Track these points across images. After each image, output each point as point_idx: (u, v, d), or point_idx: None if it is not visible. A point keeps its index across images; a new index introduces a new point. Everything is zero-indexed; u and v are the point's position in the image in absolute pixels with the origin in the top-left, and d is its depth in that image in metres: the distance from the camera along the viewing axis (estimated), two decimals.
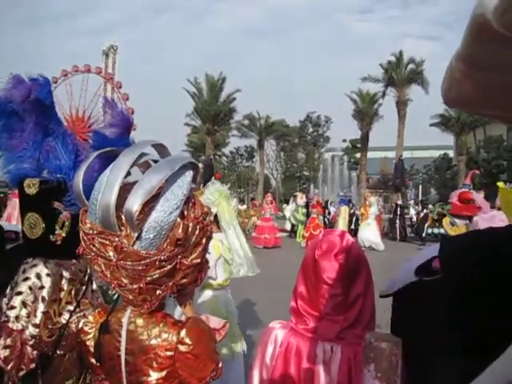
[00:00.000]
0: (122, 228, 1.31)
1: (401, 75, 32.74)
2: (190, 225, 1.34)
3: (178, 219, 1.31)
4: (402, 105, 32.93)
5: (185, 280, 1.38)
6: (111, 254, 1.30)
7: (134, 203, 1.22)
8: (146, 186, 1.24)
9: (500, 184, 7.24)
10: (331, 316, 1.39)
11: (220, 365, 1.40)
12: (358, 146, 40.52)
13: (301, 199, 17.93)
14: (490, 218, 7.02)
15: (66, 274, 1.91)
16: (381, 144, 43.83)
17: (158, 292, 1.35)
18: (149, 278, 1.29)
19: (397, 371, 0.73)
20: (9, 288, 1.88)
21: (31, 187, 1.88)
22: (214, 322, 1.57)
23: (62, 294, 1.88)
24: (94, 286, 2.05)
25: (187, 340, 1.34)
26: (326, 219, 18.31)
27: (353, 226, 19.57)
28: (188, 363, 1.35)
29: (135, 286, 1.30)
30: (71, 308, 1.89)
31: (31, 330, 1.74)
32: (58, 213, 1.88)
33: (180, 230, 1.30)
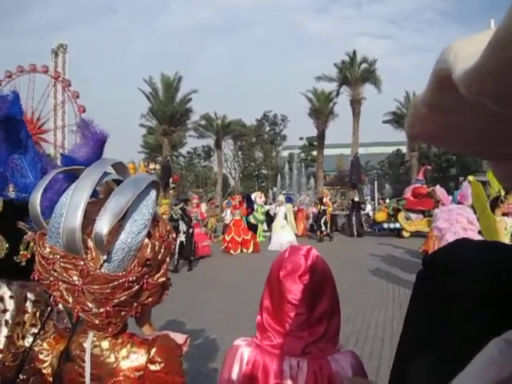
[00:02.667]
0: (88, 251, 1.26)
1: (354, 74, 33.52)
2: (157, 244, 1.32)
3: (146, 239, 1.29)
4: (356, 103, 33.72)
5: (149, 299, 1.37)
6: (75, 278, 1.25)
7: (104, 226, 1.18)
8: (115, 208, 1.21)
9: (471, 178, 7.52)
10: (296, 333, 1.38)
11: (185, 379, 1.39)
12: (315, 143, 41.13)
13: (260, 198, 17.99)
14: (447, 211, 7.30)
15: (30, 295, 1.83)
16: (337, 141, 44.71)
17: (122, 313, 1.32)
18: (116, 301, 1.26)
19: None
20: None
21: None
22: (177, 337, 1.53)
23: (26, 317, 1.81)
24: (60, 307, 1.97)
25: (158, 359, 1.31)
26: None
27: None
28: (158, 382, 1.32)
29: (101, 310, 1.26)
30: (35, 331, 1.80)
31: None
32: (23, 233, 1.80)
33: (149, 250, 1.29)
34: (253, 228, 18.00)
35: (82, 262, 1.25)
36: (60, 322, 1.90)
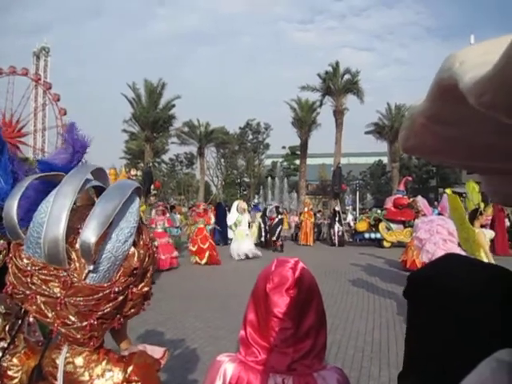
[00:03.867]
0: (70, 261, 1.20)
1: (337, 85, 33.86)
2: (142, 252, 1.28)
3: (132, 248, 1.24)
4: (339, 114, 34.04)
5: (132, 310, 1.33)
6: (56, 290, 1.19)
7: (91, 235, 1.13)
8: (102, 216, 1.15)
9: (448, 191, 7.62)
10: (281, 348, 1.33)
11: None
12: (298, 152, 41.34)
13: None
14: (428, 222, 7.37)
15: (2, 307, 1.74)
16: (319, 151, 45.05)
17: (104, 326, 1.27)
18: (100, 313, 1.21)
19: None
20: None
21: None
22: (155, 351, 1.48)
23: (5, 330, 1.72)
24: (31, 319, 1.89)
25: (134, 377, 1.25)
26: (266, 227, 18.42)
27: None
28: None
29: (85, 324, 1.20)
30: (4, 345, 1.72)
31: None
32: None
33: (135, 259, 1.25)
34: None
35: (64, 273, 1.19)
36: (31, 335, 1.83)
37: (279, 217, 17.59)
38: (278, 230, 17.19)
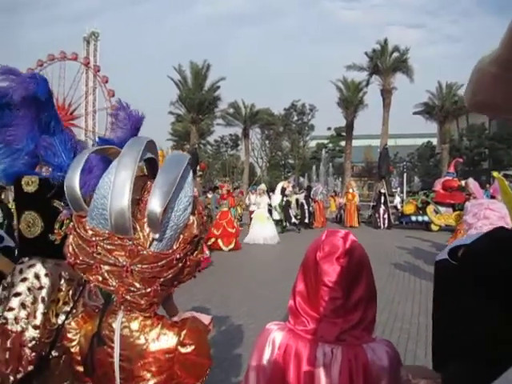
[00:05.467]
0: (135, 231, 1.26)
1: (385, 63, 32.79)
2: (198, 220, 1.34)
3: (191, 216, 1.30)
4: (386, 93, 33.04)
5: (187, 277, 1.39)
6: (121, 259, 1.25)
7: (158, 205, 1.18)
8: (165, 187, 1.21)
9: (495, 174, 7.28)
10: (331, 318, 1.34)
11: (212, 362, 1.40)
12: (343, 134, 40.62)
13: (288, 188, 17.92)
14: (477, 205, 7.09)
15: (64, 274, 1.86)
16: (365, 132, 44.04)
17: (163, 293, 1.33)
18: (162, 280, 1.27)
19: None
20: (0, 288, 1.82)
21: (30, 185, 1.82)
22: (202, 318, 1.54)
23: (60, 295, 1.83)
24: (92, 286, 2.00)
25: (188, 341, 1.31)
26: (310, 208, 18.40)
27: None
28: (187, 364, 1.32)
29: (149, 290, 1.27)
30: (67, 309, 1.83)
31: (31, 332, 1.70)
32: (58, 212, 1.82)
33: (195, 227, 1.31)
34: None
35: (130, 242, 1.24)
36: (93, 299, 1.93)
37: (285, 198, 16.95)
38: (292, 212, 16.81)
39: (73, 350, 1.42)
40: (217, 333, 5.17)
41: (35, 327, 1.70)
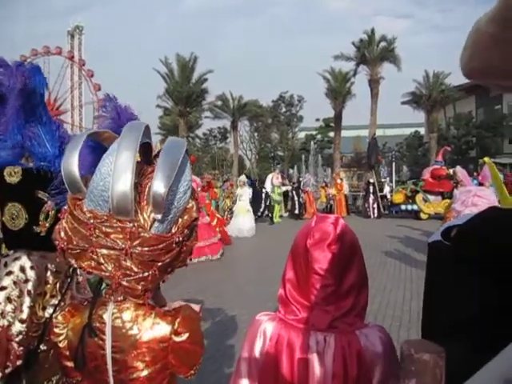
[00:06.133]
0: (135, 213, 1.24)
1: (373, 53, 32.78)
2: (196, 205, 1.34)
3: (190, 200, 1.30)
4: (374, 83, 33.06)
5: (180, 264, 1.38)
6: (119, 242, 1.22)
7: (162, 186, 1.18)
8: (167, 169, 1.20)
9: (486, 159, 7.31)
10: (322, 306, 1.32)
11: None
12: (332, 124, 40.66)
13: (276, 179, 17.92)
14: (466, 192, 7.14)
15: (51, 266, 1.82)
16: (354, 123, 44.16)
17: (157, 279, 1.32)
18: (160, 264, 1.26)
19: None
20: None
21: (13, 176, 1.77)
22: (193, 307, 1.52)
23: (47, 288, 1.80)
24: (80, 278, 1.97)
25: (182, 330, 1.30)
26: (300, 199, 18.46)
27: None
28: (181, 352, 1.31)
29: (146, 274, 1.25)
30: (55, 302, 1.80)
31: (18, 326, 1.66)
32: (42, 203, 1.78)
33: (194, 210, 1.31)
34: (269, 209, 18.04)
35: (130, 225, 1.22)
36: (81, 292, 1.90)
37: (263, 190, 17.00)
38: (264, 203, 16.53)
39: (60, 344, 1.39)
40: (209, 324, 5.17)
41: (22, 321, 1.67)
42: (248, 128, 46.92)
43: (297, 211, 18.20)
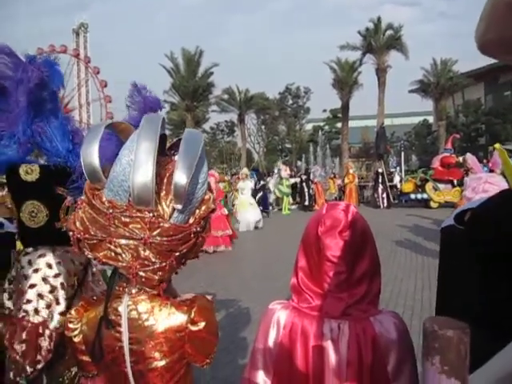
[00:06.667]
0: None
1: (379, 42, 32.46)
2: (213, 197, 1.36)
3: (207, 191, 1.32)
4: (381, 72, 32.78)
5: (194, 255, 1.40)
6: (138, 231, 1.23)
7: (184, 177, 1.19)
8: (188, 160, 1.21)
9: (497, 146, 7.22)
10: (335, 293, 1.32)
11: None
12: (339, 115, 40.41)
13: (285, 171, 17.91)
14: (476, 179, 7.09)
15: (74, 259, 1.84)
16: (361, 113, 43.88)
17: (172, 270, 1.34)
18: (177, 254, 1.27)
19: (466, 362, 0.64)
20: (7, 282, 1.81)
21: (30, 173, 1.78)
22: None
23: (76, 279, 1.82)
24: (94, 269, 1.99)
25: (198, 319, 1.31)
26: (310, 191, 18.43)
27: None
28: (198, 341, 1.32)
29: (164, 264, 1.26)
30: (73, 292, 1.82)
31: (56, 320, 1.68)
32: (62, 198, 1.79)
33: (211, 201, 1.32)
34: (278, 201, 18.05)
35: (149, 214, 1.23)
36: (96, 285, 1.91)
37: (261, 182, 16.83)
38: (259, 195, 16.21)
39: (76, 339, 1.40)
40: (221, 316, 5.20)
41: (61, 313, 1.69)
42: (255, 121, 46.74)
43: (307, 202, 18.16)
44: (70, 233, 1.30)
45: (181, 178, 1.19)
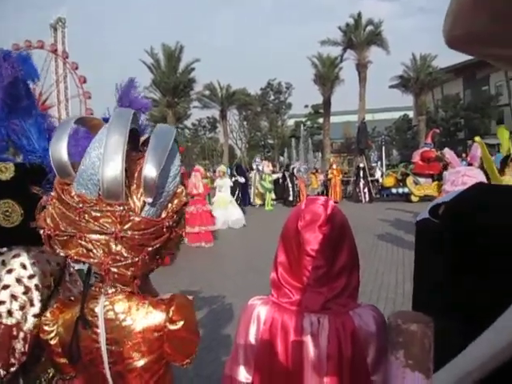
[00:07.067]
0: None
1: (360, 37, 32.67)
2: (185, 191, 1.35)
3: (180, 185, 1.31)
4: (362, 67, 33.02)
5: (169, 252, 1.39)
6: (108, 226, 1.21)
7: (153, 170, 1.18)
8: (158, 153, 1.20)
9: (477, 139, 7.32)
10: (315, 288, 1.32)
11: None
12: (321, 111, 40.61)
13: (267, 167, 17.93)
14: (455, 173, 7.20)
15: (50, 259, 1.79)
16: (343, 108, 44.14)
17: (146, 267, 1.31)
18: (150, 249, 1.25)
19: (430, 356, 0.64)
20: None
21: (4, 172, 1.73)
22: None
23: (52, 279, 1.77)
24: (71, 269, 1.95)
25: (177, 317, 1.29)
26: (294, 187, 18.48)
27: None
28: (177, 341, 1.31)
29: (136, 259, 1.24)
30: (49, 293, 1.78)
31: (31, 322, 1.63)
32: (38, 197, 1.75)
33: (184, 195, 1.32)
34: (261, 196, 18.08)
35: (120, 208, 1.21)
36: (73, 285, 1.88)
37: (234, 178, 16.78)
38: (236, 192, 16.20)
39: (52, 342, 1.37)
40: (204, 314, 5.18)
41: (35, 315, 1.65)
42: (237, 117, 46.71)
43: (291, 198, 18.19)
44: (41, 230, 1.27)
45: (150, 170, 1.18)
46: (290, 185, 18.42)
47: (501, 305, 0.82)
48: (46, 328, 1.38)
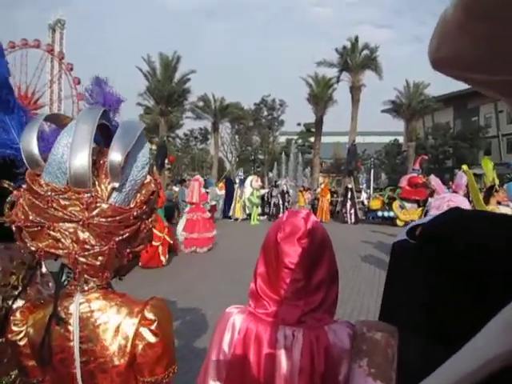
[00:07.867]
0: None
1: (355, 61, 33.15)
2: (154, 182, 1.36)
3: (148, 176, 1.32)
4: (355, 90, 33.44)
5: (140, 246, 1.37)
6: (77, 213, 1.21)
7: (118, 155, 1.20)
8: (125, 140, 1.23)
9: (464, 167, 7.42)
10: (292, 300, 1.32)
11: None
12: (312, 129, 40.92)
13: (256, 182, 17.96)
14: (439, 198, 7.28)
15: (15, 257, 1.75)
16: (334, 129, 44.56)
17: (115, 260, 1.30)
18: (118, 238, 1.25)
19: (393, 365, 0.64)
20: None
21: None
22: None
23: (12, 278, 1.73)
24: (44, 270, 1.90)
25: (152, 317, 1.27)
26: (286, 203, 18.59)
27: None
28: (149, 341, 1.27)
29: (105, 248, 1.24)
30: (16, 293, 1.74)
31: None
32: (8, 192, 1.72)
33: (152, 184, 1.33)
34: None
35: (87, 195, 1.21)
36: (44, 287, 1.84)
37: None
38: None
39: (20, 343, 1.32)
40: (181, 324, 5.12)
41: None
42: (229, 130, 46.88)
43: (281, 214, 18.22)
44: (12, 223, 1.26)
45: (115, 155, 1.20)
46: (280, 202, 18.50)
47: (474, 325, 0.82)
48: (14, 328, 1.33)
